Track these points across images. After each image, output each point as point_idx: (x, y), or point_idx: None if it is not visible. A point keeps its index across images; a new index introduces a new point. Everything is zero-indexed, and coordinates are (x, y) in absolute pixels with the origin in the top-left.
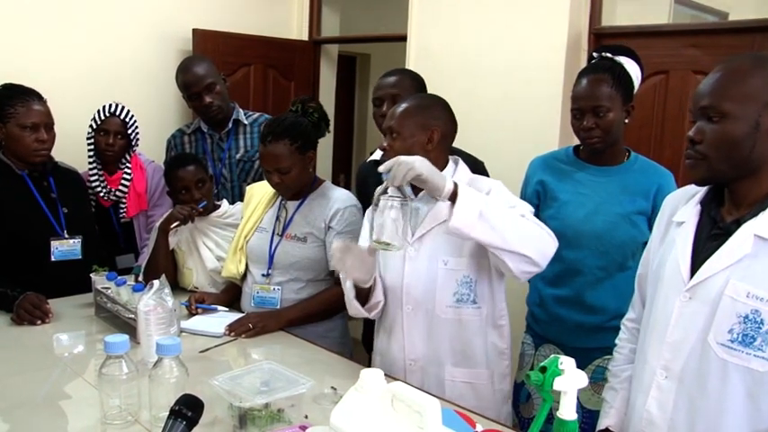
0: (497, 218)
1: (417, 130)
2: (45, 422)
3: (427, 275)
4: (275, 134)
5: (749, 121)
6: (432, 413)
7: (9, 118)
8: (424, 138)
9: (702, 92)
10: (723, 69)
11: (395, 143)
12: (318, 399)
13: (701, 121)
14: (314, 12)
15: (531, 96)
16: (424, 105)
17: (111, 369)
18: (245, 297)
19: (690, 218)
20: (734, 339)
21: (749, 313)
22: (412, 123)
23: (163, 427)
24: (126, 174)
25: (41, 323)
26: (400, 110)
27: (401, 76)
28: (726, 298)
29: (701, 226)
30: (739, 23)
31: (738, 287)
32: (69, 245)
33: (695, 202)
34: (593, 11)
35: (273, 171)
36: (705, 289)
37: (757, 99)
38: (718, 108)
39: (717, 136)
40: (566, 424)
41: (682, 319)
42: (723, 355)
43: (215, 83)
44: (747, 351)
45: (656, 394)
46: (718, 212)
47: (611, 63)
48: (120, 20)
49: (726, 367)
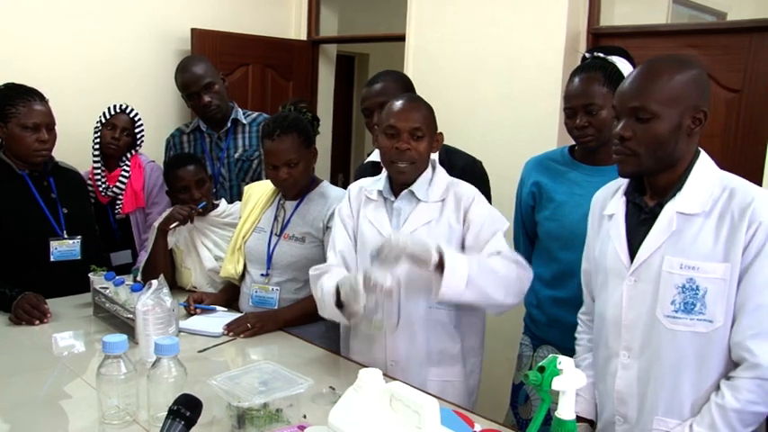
0: (482, 279)
1: (433, 133)
2: (44, 422)
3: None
4: (283, 128)
5: (673, 121)
6: (430, 413)
7: (10, 118)
8: (433, 141)
9: (630, 92)
10: (650, 71)
11: (420, 145)
12: (317, 398)
13: (627, 119)
14: (312, 11)
15: (529, 96)
16: (430, 109)
17: (110, 369)
18: (244, 297)
19: (618, 209)
20: (677, 309)
21: (685, 283)
22: (432, 126)
23: (161, 426)
24: (124, 171)
25: (40, 323)
26: (423, 111)
27: (386, 83)
28: (664, 273)
29: (629, 215)
30: (737, 23)
31: (673, 261)
32: (68, 245)
33: (620, 194)
34: (592, 11)
35: (282, 165)
36: (646, 269)
37: (681, 101)
38: (648, 109)
39: (646, 134)
40: (564, 423)
41: (632, 302)
42: (671, 326)
43: (214, 82)
44: (691, 317)
45: (622, 374)
46: (642, 200)
47: (603, 62)
48: (119, 20)
49: (675, 336)
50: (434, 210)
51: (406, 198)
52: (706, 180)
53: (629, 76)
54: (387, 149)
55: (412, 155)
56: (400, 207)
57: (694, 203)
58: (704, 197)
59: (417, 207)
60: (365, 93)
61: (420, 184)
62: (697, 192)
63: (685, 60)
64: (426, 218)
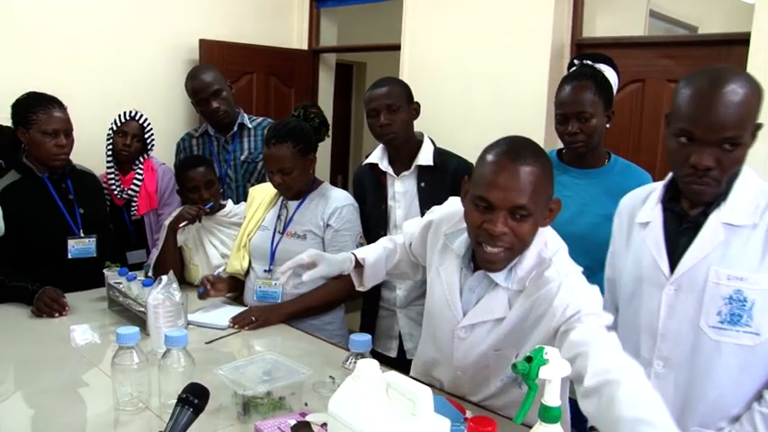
0: None
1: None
2: (64, 408)
3: (478, 359)
4: (279, 137)
5: (749, 142)
6: (424, 400)
7: (32, 124)
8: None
9: (723, 122)
10: (732, 94)
11: (522, 226)
12: (317, 387)
13: (712, 147)
14: (313, 23)
15: (518, 102)
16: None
17: (123, 359)
18: (248, 292)
19: (654, 217)
20: (723, 320)
21: (732, 294)
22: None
23: (171, 413)
24: (138, 174)
25: (59, 316)
26: (537, 171)
27: (391, 86)
28: (710, 284)
29: (667, 223)
30: (708, 36)
31: (720, 272)
32: (85, 243)
33: (655, 201)
34: (575, 23)
35: (276, 172)
36: (689, 279)
37: (751, 120)
38: (740, 139)
39: (731, 161)
40: (550, 410)
41: (671, 311)
42: (715, 337)
43: (221, 89)
44: (737, 329)
45: (655, 383)
46: (681, 209)
47: (593, 70)
48: (132, 32)
49: (719, 347)
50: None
51: (480, 280)
52: (751, 191)
53: (704, 99)
54: (474, 226)
55: (509, 239)
56: (473, 284)
57: (741, 215)
58: (750, 208)
59: (491, 294)
60: (371, 95)
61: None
62: (743, 202)
63: (749, 76)
64: (500, 312)
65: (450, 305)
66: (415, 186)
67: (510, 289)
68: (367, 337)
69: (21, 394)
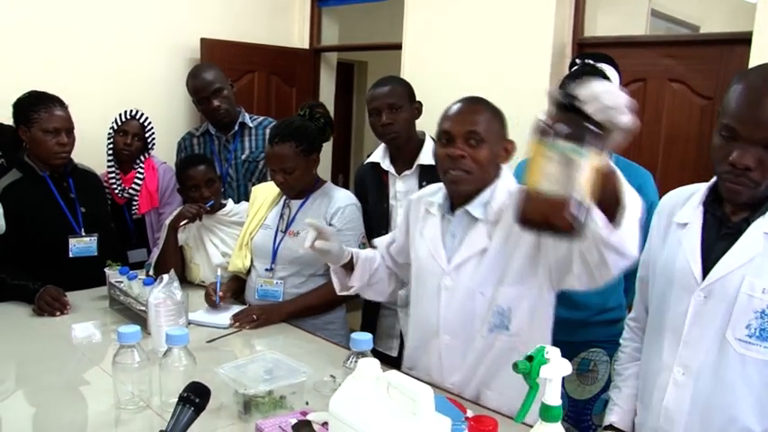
0: None
1: (498, 140)
2: (65, 406)
3: (464, 307)
4: (282, 136)
5: None
6: (425, 399)
7: (33, 123)
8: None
9: (765, 120)
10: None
11: (478, 152)
12: (318, 386)
13: (756, 148)
14: (314, 22)
15: (518, 100)
16: (497, 113)
17: (125, 358)
18: (250, 290)
19: (694, 219)
20: (752, 334)
21: (765, 308)
22: (496, 132)
23: (172, 412)
24: (139, 173)
25: (60, 314)
26: (486, 115)
27: (393, 85)
28: (742, 295)
29: (707, 226)
30: (710, 36)
31: (755, 284)
32: (86, 242)
33: (697, 203)
34: (577, 22)
35: (278, 171)
36: (721, 287)
37: None
38: None
39: None
40: (551, 409)
41: (698, 318)
42: (741, 350)
43: (222, 88)
44: (765, 345)
45: (674, 391)
46: (723, 213)
47: (595, 69)
48: (134, 31)
49: (744, 361)
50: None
51: (462, 218)
52: None
53: (754, 96)
54: (440, 158)
55: (467, 163)
56: (455, 229)
57: None
58: None
59: (473, 230)
60: (373, 94)
61: (477, 201)
62: None
63: None
64: (481, 245)
65: (435, 257)
66: (416, 186)
67: (488, 221)
68: (368, 336)
69: (22, 393)
